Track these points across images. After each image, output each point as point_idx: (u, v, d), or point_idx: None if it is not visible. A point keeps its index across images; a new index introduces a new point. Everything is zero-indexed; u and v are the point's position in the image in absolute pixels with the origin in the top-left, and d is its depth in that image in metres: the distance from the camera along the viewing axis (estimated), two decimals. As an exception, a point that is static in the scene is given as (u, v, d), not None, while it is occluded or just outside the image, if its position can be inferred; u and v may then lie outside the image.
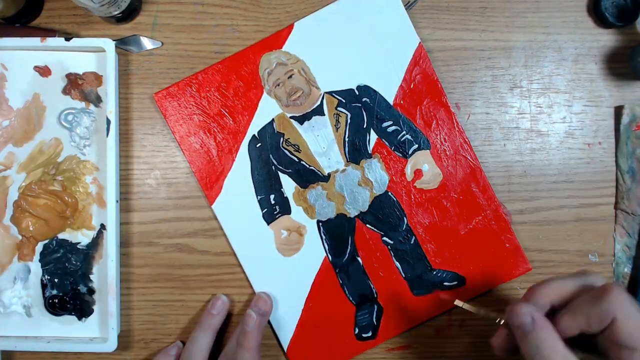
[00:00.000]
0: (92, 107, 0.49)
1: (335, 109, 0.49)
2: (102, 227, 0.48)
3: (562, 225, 0.51)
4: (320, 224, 0.49)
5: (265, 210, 0.49)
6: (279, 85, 0.49)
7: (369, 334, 0.49)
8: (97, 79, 0.49)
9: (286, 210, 0.49)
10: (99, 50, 0.48)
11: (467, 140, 0.49)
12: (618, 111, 0.51)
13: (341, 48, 0.49)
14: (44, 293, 0.48)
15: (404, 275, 0.49)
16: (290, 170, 0.49)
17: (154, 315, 0.49)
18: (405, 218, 0.49)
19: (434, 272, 0.49)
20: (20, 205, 0.48)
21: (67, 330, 0.48)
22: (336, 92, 0.49)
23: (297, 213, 0.49)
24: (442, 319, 0.50)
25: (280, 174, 0.49)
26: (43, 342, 0.47)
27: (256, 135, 0.49)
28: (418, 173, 0.49)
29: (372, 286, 0.49)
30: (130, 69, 0.49)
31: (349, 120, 0.49)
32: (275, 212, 0.49)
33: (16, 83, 0.48)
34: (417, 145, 0.49)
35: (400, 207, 0.49)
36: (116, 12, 0.46)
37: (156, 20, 0.50)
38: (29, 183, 0.48)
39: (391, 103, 0.49)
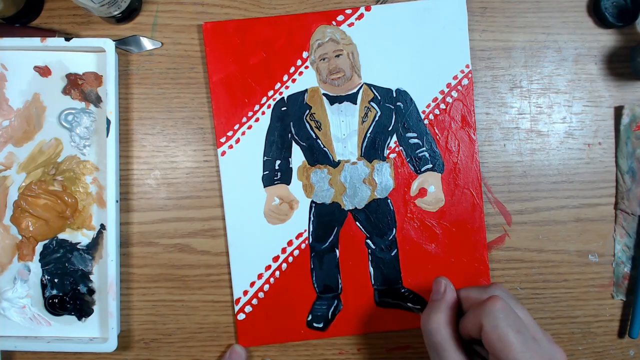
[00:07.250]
0: (92, 107, 0.49)
1: (369, 102, 0.49)
2: (102, 227, 0.48)
3: (562, 226, 0.51)
4: (314, 205, 0.49)
5: (267, 172, 0.49)
6: (324, 59, 0.49)
7: (320, 325, 0.49)
8: (97, 79, 0.49)
9: (287, 179, 0.49)
10: (99, 50, 0.48)
11: (480, 178, 0.49)
12: (618, 111, 0.51)
13: (395, 47, 0.49)
14: (44, 293, 0.48)
15: (373, 282, 0.49)
16: (304, 144, 0.49)
17: (154, 315, 0.49)
18: (394, 229, 0.49)
19: (403, 290, 0.49)
20: (20, 205, 0.48)
21: (67, 330, 0.48)
22: (375, 86, 0.49)
23: (295, 186, 0.49)
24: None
25: (293, 143, 0.49)
26: (43, 342, 0.47)
27: (285, 98, 0.49)
28: (422, 192, 0.49)
29: (339, 281, 0.49)
30: (130, 69, 0.49)
31: (377, 118, 0.49)
32: (275, 178, 0.49)
33: (16, 83, 0.48)
34: (431, 165, 0.49)
35: (393, 217, 0.49)
36: (116, 12, 0.46)
37: (156, 21, 0.50)
38: (29, 183, 0.48)
39: (422, 117, 0.49)
